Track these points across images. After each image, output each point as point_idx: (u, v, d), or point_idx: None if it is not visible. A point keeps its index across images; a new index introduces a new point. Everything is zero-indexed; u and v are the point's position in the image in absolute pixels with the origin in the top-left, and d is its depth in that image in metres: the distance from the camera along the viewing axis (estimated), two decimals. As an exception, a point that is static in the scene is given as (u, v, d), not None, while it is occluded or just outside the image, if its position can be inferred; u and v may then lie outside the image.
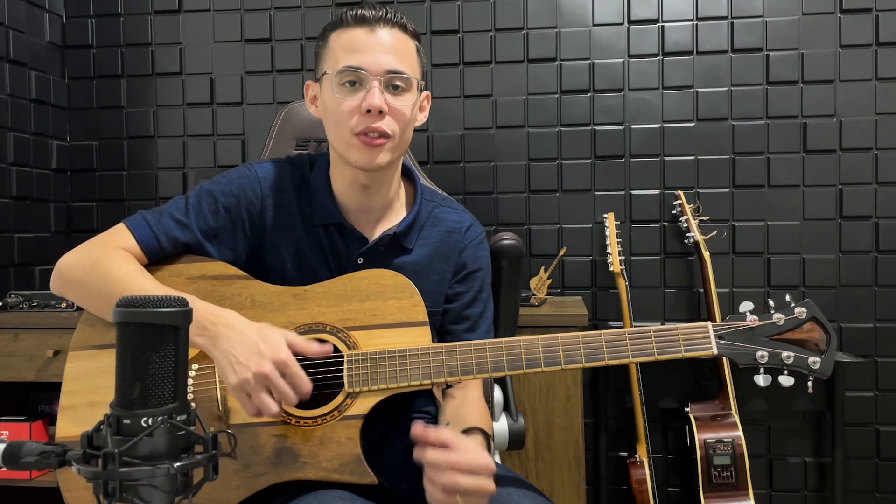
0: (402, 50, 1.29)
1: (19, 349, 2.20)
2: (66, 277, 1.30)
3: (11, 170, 2.56)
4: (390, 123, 1.28)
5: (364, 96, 1.26)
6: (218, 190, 1.35)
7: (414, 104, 1.32)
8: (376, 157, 1.28)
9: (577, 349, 1.21)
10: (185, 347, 0.77)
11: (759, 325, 1.21)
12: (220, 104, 2.84)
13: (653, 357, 1.20)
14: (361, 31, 1.28)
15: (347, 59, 1.27)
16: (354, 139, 1.28)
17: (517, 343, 1.22)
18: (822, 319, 1.22)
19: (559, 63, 2.70)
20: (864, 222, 2.58)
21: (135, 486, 0.71)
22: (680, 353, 1.20)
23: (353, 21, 1.29)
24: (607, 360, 1.20)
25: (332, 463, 1.17)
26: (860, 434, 2.59)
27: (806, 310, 1.22)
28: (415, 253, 1.39)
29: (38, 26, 2.74)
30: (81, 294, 1.29)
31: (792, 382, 1.24)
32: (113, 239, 1.31)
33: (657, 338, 1.21)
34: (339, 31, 1.30)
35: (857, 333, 2.58)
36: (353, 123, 1.27)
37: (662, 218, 2.67)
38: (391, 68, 1.26)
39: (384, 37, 1.28)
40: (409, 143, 1.36)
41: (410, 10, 2.73)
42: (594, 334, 1.21)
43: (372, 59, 1.26)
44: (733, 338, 1.21)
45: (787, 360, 1.21)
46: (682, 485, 2.68)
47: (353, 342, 1.25)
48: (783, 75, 2.60)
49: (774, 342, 1.22)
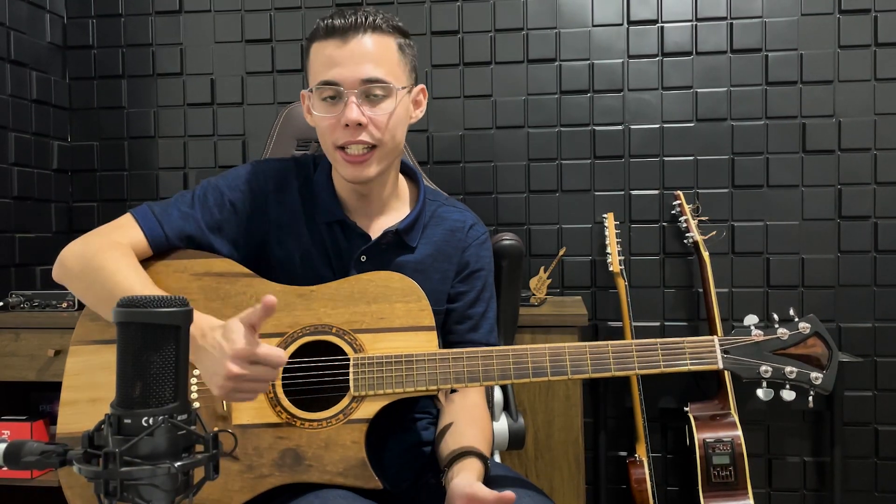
0: (378, 55, 1.27)
1: (20, 349, 2.20)
2: (66, 267, 1.30)
3: (13, 170, 2.56)
4: (373, 133, 1.27)
5: (342, 111, 1.26)
6: (224, 185, 1.37)
7: (396, 108, 1.29)
8: (363, 172, 1.29)
9: (584, 359, 1.22)
10: (186, 347, 0.77)
11: (763, 340, 1.23)
12: (220, 104, 2.84)
13: (659, 370, 1.21)
14: (334, 43, 1.26)
15: (323, 74, 1.27)
16: (338, 154, 1.29)
17: (524, 351, 1.22)
18: (824, 335, 1.24)
19: (559, 63, 2.70)
20: (863, 222, 2.58)
21: (136, 486, 0.71)
22: (686, 366, 1.22)
23: (325, 33, 1.27)
24: (614, 371, 1.22)
25: (336, 466, 1.17)
26: (859, 433, 2.60)
27: (810, 325, 1.23)
28: (418, 252, 1.39)
29: (40, 27, 2.74)
30: (78, 285, 1.30)
31: (794, 397, 1.25)
32: (118, 230, 1.31)
33: (664, 350, 1.22)
34: (316, 43, 1.29)
35: (856, 333, 2.59)
36: (335, 138, 1.28)
37: (662, 218, 2.67)
38: (366, 77, 1.25)
39: (356, 46, 1.26)
40: (401, 144, 1.35)
41: (411, 11, 2.73)
42: (601, 345, 1.22)
43: (346, 71, 1.25)
44: (738, 352, 1.23)
45: (790, 374, 1.22)
46: (682, 484, 2.68)
47: (360, 345, 1.25)
48: (782, 76, 2.60)
49: (778, 357, 1.23)
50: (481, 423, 1.35)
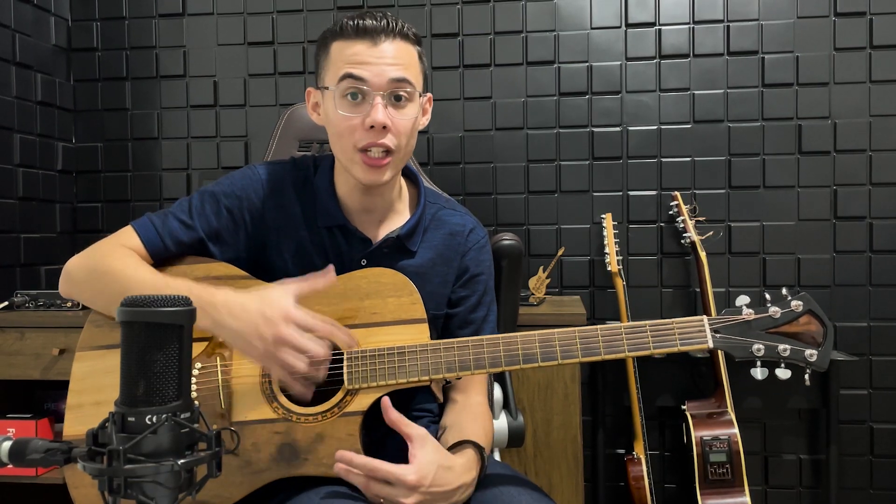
0: (406, 60, 1.29)
1: (25, 348, 2.21)
2: (73, 278, 1.32)
3: (18, 171, 2.58)
4: (394, 139, 1.28)
5: (368, 112, 1.25)
6: (220, 191, 1.36)
7: (416, 115, 1.32)
8: (380, 176, 1.29)
9: (574, 344, 1.21)
10: (189, 346, 0.78)
11: (755, 319, 1.21)
12: (223, 106, 2.86)
13: (649, 351, 1.20)
14: (364, 44, 1.26)
15: (349, 70, 1.26)
16: (357, 156, 1.28)
17: (514, 339, 1.23)
18: (818, 312, 1.21)
19: (558, 66, 2.72)
20: (858, 223, 2.60)
21: (139, 483, 0.72)
22: (676, 346, 1.19)
23: (354, 33, 1.27)
24: (603, 355, 1.20)
25: (332, 459, 1.18)
26: (854, 431, 2.62)
27: (802, 303, 1.20)
28: (418, 256, 1.39)
29: (44, 30, 2.76)
30: (87, 293, 1.32)
31: (789, 375, 1.21)
32: (118, 239, 1.33)
33: (653, 332, 1.20)
34: (341, 41, 1.28)
35: (852, 332, 2.61)
36: (357, 139, 1.27)
37: (659, 218, 2.69)
38: (394, 77, 1.26)
39: (387, 49, 1.26)
40: (412, 151, 1.36)
41: (411, 14, 2.75)
42: (590, 329, 1.21)
43: (375, 71, 1.25)
44: (729, 331, 1.20)
45: (783, 353, 1.20)
46: (679, 482, 2.70)
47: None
48: (778, 78, 2.62)
49: (771, 335, 1.20)
50: (482, 420, 1.36)
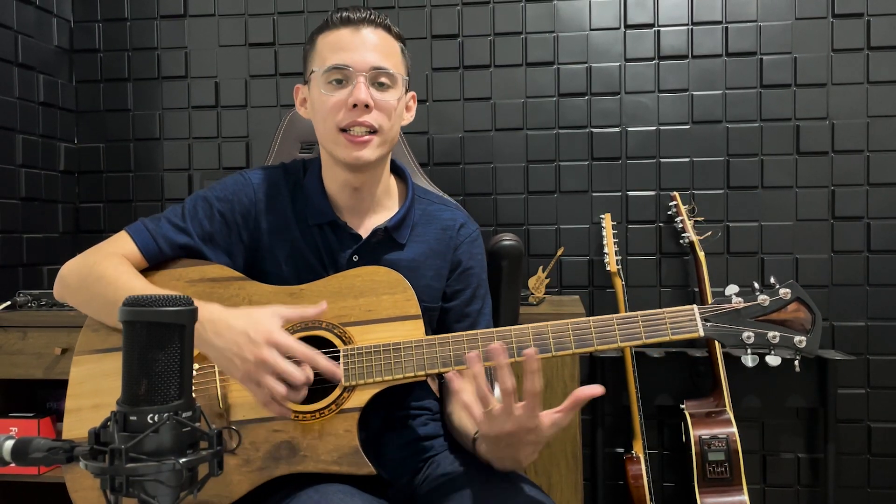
0: (387, 49, 1.34)
1: (28, 347, 2.22)
2: (66, 283, 1.34)
3: (20, 171, 2.60)
4: (377, 117, 1.31)
5: (350, 91, 1.29)
6: (213, 196, 1.39)
7: (400, 100, 1.36)
8: (363, 152, 1.31)
9: (567, 336, 1.21)
10: (191, 345, 0.78)
11: (744, 307, 1.22)
12: (224, 107, 2.88)
13: (641, 341, 1.20)
14: (346, 30, 1.32)
15: (334, 57, 1.31)
16: (340, 136, 1.31)
17: (508, 332, 1.23)
18: (806, 299, 1.22)
19: (557, 67, 2.73)
20: (856, 223, 2.61)
21: (141, 482, 0.72)
22: (667, 336, 1.20)
23: (338, 22, 1.33)
24: (596, 346, 1.21)
25: (330, 455, 1.19)
26: (852, 430, 2.62)
27: (790, 290, 1.22)
28: (410, 250, 1.41)
29: (47, 31, 2.77)
30: (79, 298, 1.33)
31: (779, 362, 1.23)
32: (113, 244, 1.35)
33: (644, 322, 1.21)
34: (325, 32, 1.35)
35: (849, 332, 2.61)
36: (339, 118, 1.31)
37: (658, 218, 2.70)
38: (376, 65, 1.31)
39: (369, 36, 1.32)
40: (396, 139, 1.39)
41: (411, 15, 2.77)
42: (583, 321, 1.22)
43: (357, 56, 1.30)
44: (719, 320, 1.21)
45: (773, 339, 1.21)
46: (678, 480, 2.71)
47: (349, 337, 1.27)
48: (776, 79, 2.63)
49: (760, 323, 1.22)
50: None
